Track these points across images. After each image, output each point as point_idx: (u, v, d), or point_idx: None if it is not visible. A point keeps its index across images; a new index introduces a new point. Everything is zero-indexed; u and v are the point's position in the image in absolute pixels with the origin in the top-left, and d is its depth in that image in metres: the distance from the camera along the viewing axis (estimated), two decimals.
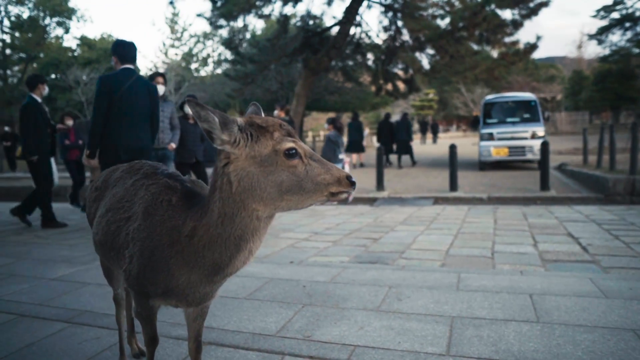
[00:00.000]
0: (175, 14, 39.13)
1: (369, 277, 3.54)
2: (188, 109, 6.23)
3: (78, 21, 37.44)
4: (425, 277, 3.48)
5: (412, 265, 4.03)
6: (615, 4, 38.31)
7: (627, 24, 37.49)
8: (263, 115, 1.54)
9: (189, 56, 38.68)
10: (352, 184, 1.33)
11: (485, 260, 4.17)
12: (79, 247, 4.96)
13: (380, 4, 18.16)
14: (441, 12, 17.32)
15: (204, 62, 39.64)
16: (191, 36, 39.53)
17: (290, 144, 1.33)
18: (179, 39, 39.57)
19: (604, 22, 39.46)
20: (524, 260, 4.12)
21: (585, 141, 13.85)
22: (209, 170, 7.96)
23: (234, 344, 2.39)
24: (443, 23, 17.16)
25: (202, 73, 39.41)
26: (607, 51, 40.94)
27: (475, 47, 17.60)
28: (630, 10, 36.53)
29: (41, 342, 2.49)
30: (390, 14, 18.42)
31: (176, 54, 39.35)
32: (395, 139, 16.41)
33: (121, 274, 1.75)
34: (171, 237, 1.45)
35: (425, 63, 18.96)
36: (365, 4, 18.04)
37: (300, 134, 20.91)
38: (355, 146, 16.13)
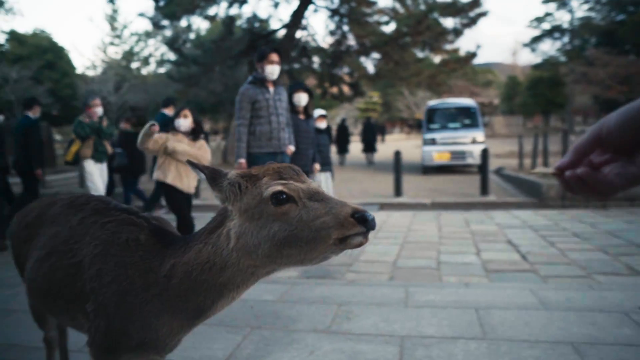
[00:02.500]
0: (115, 11, 37.61)
1: (318, 294, 3.50)
2: (298, 99, 5.10)
3: (6, 14, 35.16)
4: (373, 293, 3.49)
5: (360, 279, 4.03)
6: (546, 15, 40.69)
7: (556, 35, 39.95)
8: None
9: (129, 55, 37.24)
10: (362, 221, 1.05)
11: (431, 271, 4.24)
12: (8, 266, 4.60)
13: (327, 8, 18.26)
14: (386, 18, 17.66)
15: (146, 61, 38.28)
16: (132, 34, 38.12)
17: (276, 188, 1.12)
18: (118, 37, 38.02)
19: (537, 32, 41.81)
20: (469, 270, 4.23)
21: (521, 146, 14.54)
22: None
23: None
24: (388, 29, 17.52)
25: (144, 72, 38.08)
26: (539, 59, 43.40)
27: (419, 53, 18.07)
28: (558, 23, 38.95)
29: None
30: (336, 18, 18.55)
31: (116, 52, 37.80)
32: (362, 139, 19.05)
33: (85, 333, 1.47)
34: (146, 279, 1.28)
35: (371, 68, 19.26)
36: (311, 7, 18.07)
37: None
38: (369, 146, 18.35)
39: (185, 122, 4.61)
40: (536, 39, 42.08)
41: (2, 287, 3.83)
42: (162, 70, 34.15)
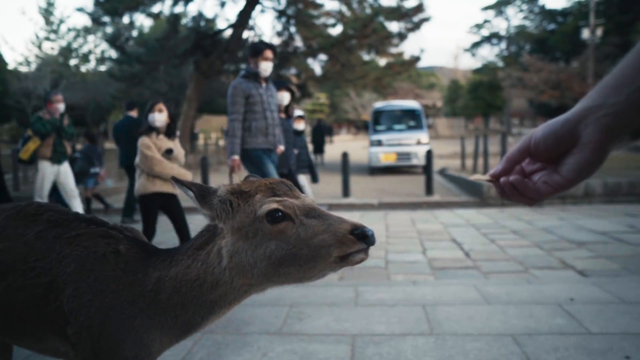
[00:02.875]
0: (50, 4, 35.76)
1: (269, 296, 3.50)
2: (281, 98, 4.90)
3: None
4: (324, 293, 3.53)
5: None
6: (484, 22, 42.64)
7: (494, 41, 41.94)
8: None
9: (67, 51, 35.50)
10: (362, 237, 1.03)
11: (380, 271, 4.35)
12: None
13: (274, 9, 18.23)
14: (333, 21, 17.87)
15: (85, 58, 36.64)
16: (70, 29, 36.38)
17: (271, 205, 1.09)
18: (55, 32, 36.17)
19: (476, 38, 43.74)
20: (416, 269, 4.36)
21: (463, 147, 15.14)
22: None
23: None
24: (335, 32, 17.76)
25: (83, 70, 36.41)
26: (478, 64, 45.41)
27: (365, 56, 18.42)
28: (496, 30, 40.91)
29: None
30: (283, 19, 18.57)
31: (52, 48, 35.94)
32: (311, 141, 18.91)
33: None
34: (131, 292, 1.21)
35: (318, 69, 19.44)
36: (258, 8, 17.99)
37: (192, 138, 20.21)
38: (318, 148, 18.68)
39: (160, 117, 4.16)
40: (476, 45, 44.03)
41: None
42: (103, 68, 32.83)
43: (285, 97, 5.15)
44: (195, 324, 1.23)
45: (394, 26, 17.15)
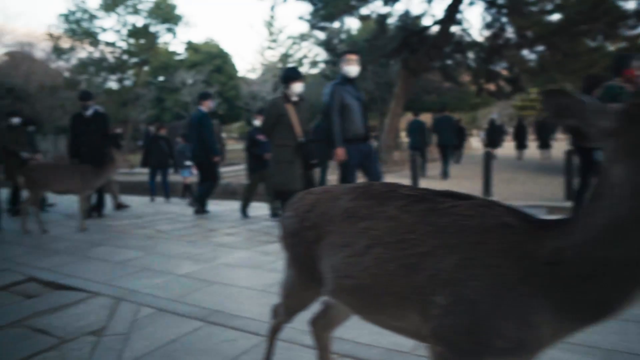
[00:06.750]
0: (272, 17, 40.45)
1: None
2: None
3: (184, 27, 39.92)
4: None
5: None
6: None
7: None
8: None
9: (285, 57, 39.75)
10: None
11: None
12: (198, 244, 5.20)
13: (484, 0, 17.36)
14: (551, 6, 16.14)
15: (300, 62, 40.52)
16: (288, 37, 40.64)
17: None
18: (275, 41, 40.80)
19: None
20: None
21: None
22: None
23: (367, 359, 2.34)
24: (554, 18, 16.03)
25: None
26: None
27: (590, 43, 16.23)
28: None
29: (182, 339, 2.62)
30: (493, 10, 17.54)
31: (273, 55, 40.62)
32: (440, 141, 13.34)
33: (425, 331, 1.25)
34: (521, 267, 1.09)
35: (532, 61, 17.86)
36: (466, 1, 17.35)
37: (396, 136, 20.60)
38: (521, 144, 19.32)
39: None
40: None
41: (199, 262, 4.34)
42: (314, 70, 35.79)
43: None
44: (611, 301, 1.02)
45: (630, 4, 14.69)
